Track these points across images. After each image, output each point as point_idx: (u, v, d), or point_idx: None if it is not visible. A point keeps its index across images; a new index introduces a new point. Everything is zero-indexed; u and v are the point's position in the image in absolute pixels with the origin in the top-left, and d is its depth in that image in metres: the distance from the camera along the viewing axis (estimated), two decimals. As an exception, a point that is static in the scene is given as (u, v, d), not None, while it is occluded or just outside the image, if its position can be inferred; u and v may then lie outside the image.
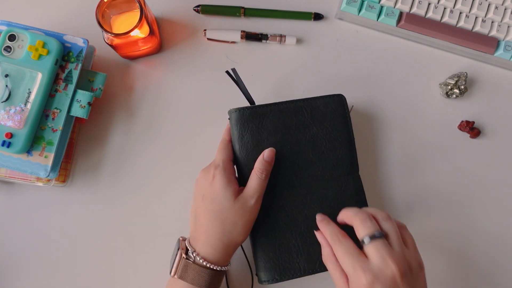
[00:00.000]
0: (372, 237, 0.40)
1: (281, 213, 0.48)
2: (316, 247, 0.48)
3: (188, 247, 0.46)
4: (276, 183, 0.48)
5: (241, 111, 0.49)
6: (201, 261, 0.45)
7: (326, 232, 0.44)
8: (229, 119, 0.50)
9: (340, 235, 0.42)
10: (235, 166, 0.49)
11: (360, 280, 0.38)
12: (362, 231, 0.41)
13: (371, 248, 0.39)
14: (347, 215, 0.44)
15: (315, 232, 0.46)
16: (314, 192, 0.49)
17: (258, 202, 0.46)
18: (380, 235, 0.40)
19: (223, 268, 0.46)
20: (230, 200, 0.45)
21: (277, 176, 0.48)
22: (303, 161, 0.49)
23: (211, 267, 0.45)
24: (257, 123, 0.49)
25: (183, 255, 0.45)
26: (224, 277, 0.51)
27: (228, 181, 0.46)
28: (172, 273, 0.46)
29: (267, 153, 0.47)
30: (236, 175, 0.49)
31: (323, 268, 0.47)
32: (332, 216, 0.48)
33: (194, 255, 0.45)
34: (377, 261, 0.39)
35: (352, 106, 0.57)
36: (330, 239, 0.43)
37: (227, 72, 0.51)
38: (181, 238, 0.48)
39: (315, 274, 0.48)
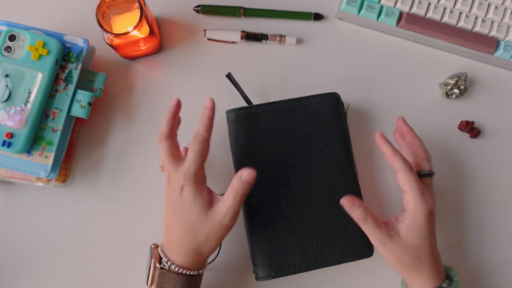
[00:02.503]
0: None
1: (276, 211, 0.48)
2: (310, 244, 0.48)
3: (161, 256, 0.45)
4: (270, 181, 0.49)
5: (236, 111, 0.50)
6: (176, 269, 0.44)
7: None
8: (226, 119, 0.51)
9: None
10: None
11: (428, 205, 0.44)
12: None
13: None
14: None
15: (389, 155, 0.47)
16: (309, 190, 0.49)
17: (233, 219, 0.44)
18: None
19: (200, 272, 0.46)
20: (202, 213, 0.44)
21: (272, 174, 0.49)
22: (297, 159, 0.49)
23: (187, 273, 0.44)
24: (252, 123, 0.50)
25: (157, 265, 0.45)
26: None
27: (198, 193, 0.44)
28: (149, 284, 0.45)
29: (245, 174, 0.44)
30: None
31: (318, 265, 0.48)
32: (327, 214, 0.48)
33: (168, 263, 0.44)
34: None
35: (349, 104, 0.57)
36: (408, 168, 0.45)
37: (227, 76, 0.53)
38: (153, 246, 0.47)
39: (310, 271, 0.48)
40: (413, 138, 0.50)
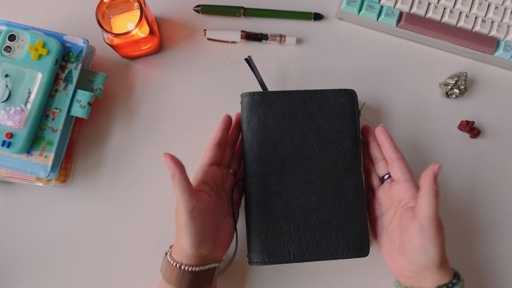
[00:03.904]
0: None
1: (278, 198, 0.49)
2: (308, 236, 0.48)
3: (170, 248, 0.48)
4: (276, 169, 0.49)
5: (251, 95, 0.50)
6: (169, 259, 0.46)
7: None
8: (240, 102, 0.51)
9: None
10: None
11: None
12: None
13: None
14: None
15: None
16: (313, 182, 0.49)
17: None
18: None
19: (198, 268, 0.45)
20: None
21: (279, 162, 0.49)
22: (306, 150, 0.49)
23: (178, 266, 0.45)
24: (265, 109, 0.50)
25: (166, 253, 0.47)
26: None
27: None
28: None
29: None
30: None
31: (313, 258, 0.48)
32: (328, 208, 0.49)
33: (168, 252, 0.47)
34: None
35: (364, 103, 0.57)
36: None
37: (246, 59, 0.53)
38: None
39: (304, 262, 0.48)
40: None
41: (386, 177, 0.51)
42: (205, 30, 0.57)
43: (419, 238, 0.43)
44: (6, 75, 0.48)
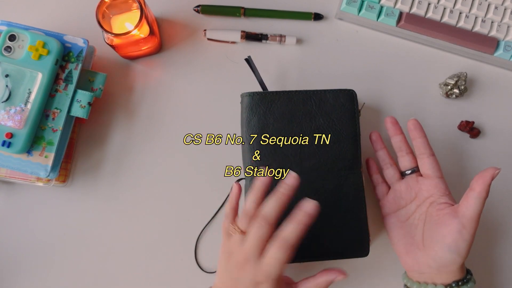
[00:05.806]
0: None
1: None
2: (307, 236, 0.48)
3: None
4: (276, 169, 0.49)
5: (251, 95, 0.50)
6: None
7: None
8: (241, 102, 0.51)
9: None
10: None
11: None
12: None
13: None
14: None
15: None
16: (313, 182, 0.49)
17: None
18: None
19: None
20: None
21: (278, 162, 0.49)
22: (305, 150, 0.50)
23: None
24: (265, 109, 0.50)
25: None
26: None
27: None
28: None
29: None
30: None
31: (312, 258, 0.48)
32: (328, 208, 0.49)
33: None
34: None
35: (364, 103, 0.57)
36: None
37: (246, 60, 0.53)
38: None
39: (301, 262, 0.49)
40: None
41: (409, 172, 0.50)
42: (205, 30, 0.57)
43: (455, 236, 0.42)
44: (6, 75, 0.48)
